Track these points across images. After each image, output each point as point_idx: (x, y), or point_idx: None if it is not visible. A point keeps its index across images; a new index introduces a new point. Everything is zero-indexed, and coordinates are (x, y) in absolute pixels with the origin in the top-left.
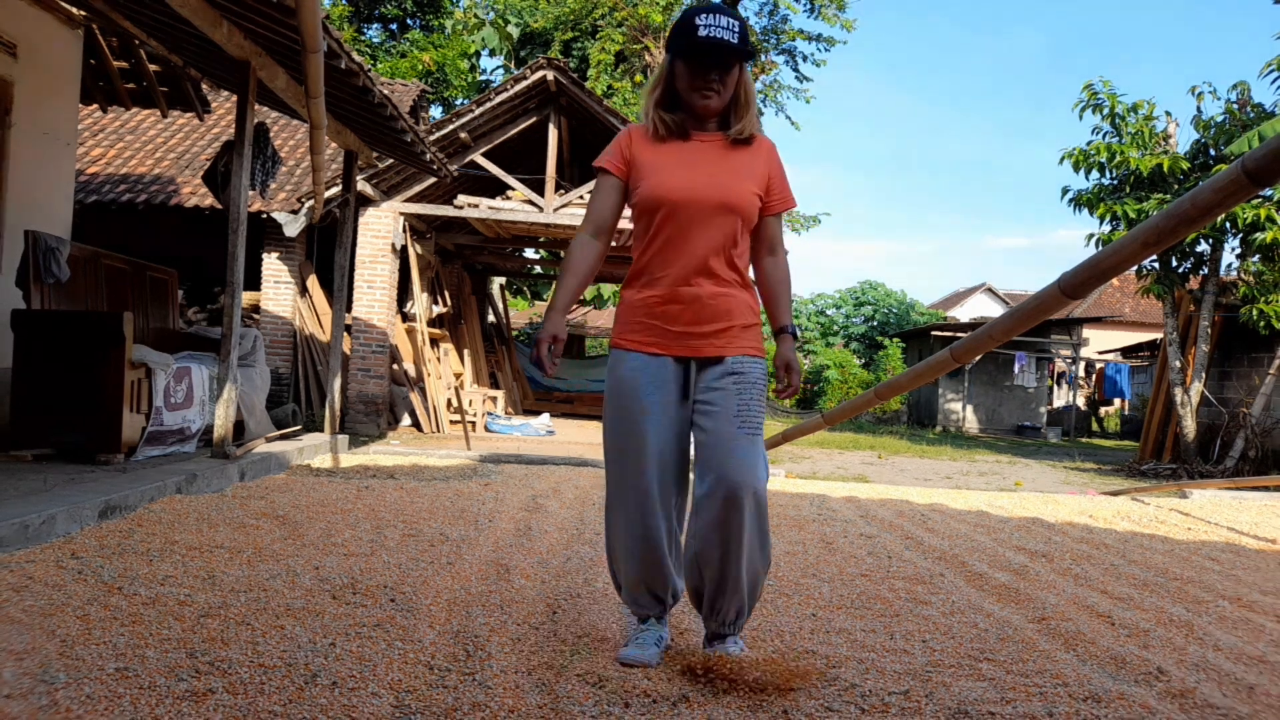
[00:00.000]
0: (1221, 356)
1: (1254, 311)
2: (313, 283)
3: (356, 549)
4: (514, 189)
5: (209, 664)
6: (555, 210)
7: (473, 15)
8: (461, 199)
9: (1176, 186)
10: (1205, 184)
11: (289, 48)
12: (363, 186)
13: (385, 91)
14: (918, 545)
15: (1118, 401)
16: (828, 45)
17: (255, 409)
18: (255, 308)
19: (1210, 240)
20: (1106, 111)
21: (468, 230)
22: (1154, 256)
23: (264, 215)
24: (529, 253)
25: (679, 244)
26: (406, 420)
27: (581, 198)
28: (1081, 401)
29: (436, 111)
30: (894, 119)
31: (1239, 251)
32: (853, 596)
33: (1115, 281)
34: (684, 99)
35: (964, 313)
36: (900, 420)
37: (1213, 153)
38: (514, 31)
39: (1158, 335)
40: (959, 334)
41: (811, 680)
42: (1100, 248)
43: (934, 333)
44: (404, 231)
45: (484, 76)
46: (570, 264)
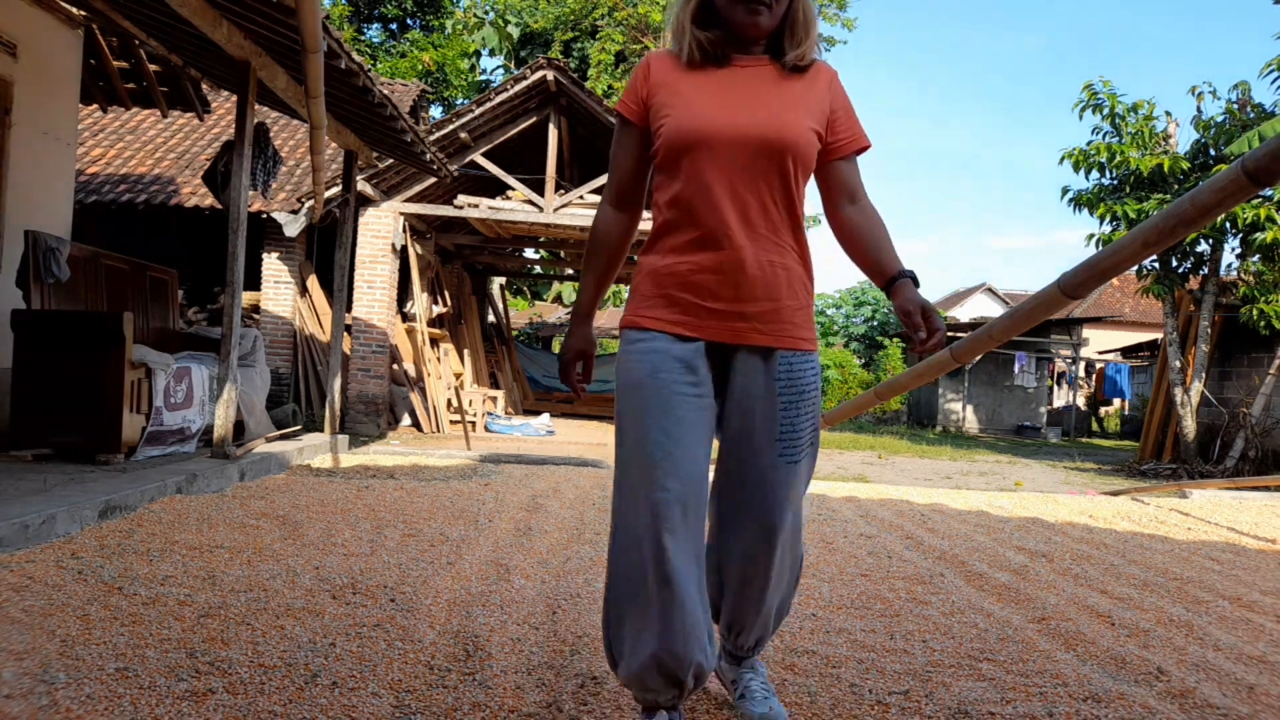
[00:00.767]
0: (1221, 356)
1: (1254, 311)
2: (313, 283)
3: (356, 549)
4: (514, 189)
5: (209, 664)
6: (555, 210)
7: (473, 15)
8: (461, 199)
9: (1176, 186)
10: (1205, 184)
11: (289, 48)
12: (363, 186)
13: (385, 91)
14: (918, 545)
15: (1118, 401)
16: (828, 45)
17: (255, 409)
18: (255, 308)
19: (1210, 240)
20: (1106, 111)
21: (468, 230)
22: (1154, 256)
23: (264, 215)
24: (529, 253)
25: (716, 194)
26: (406, 420)
27: (581, 197)
28: (1082, 401)
29: (436, 111)
30: (894, 118)
31: (1239, 251)
32: (853, 596)
33: (1115, 281)
34: (724, 15)
35: (964, 312)
36: (900, 420)
37: (1213, 153)
38: (514, 31)
39: (1158, 335)
40: (959, 334)
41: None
42: (1100, 248)
43: None
44: (404, 231)
45: (484, 76)
46: (593, 247)
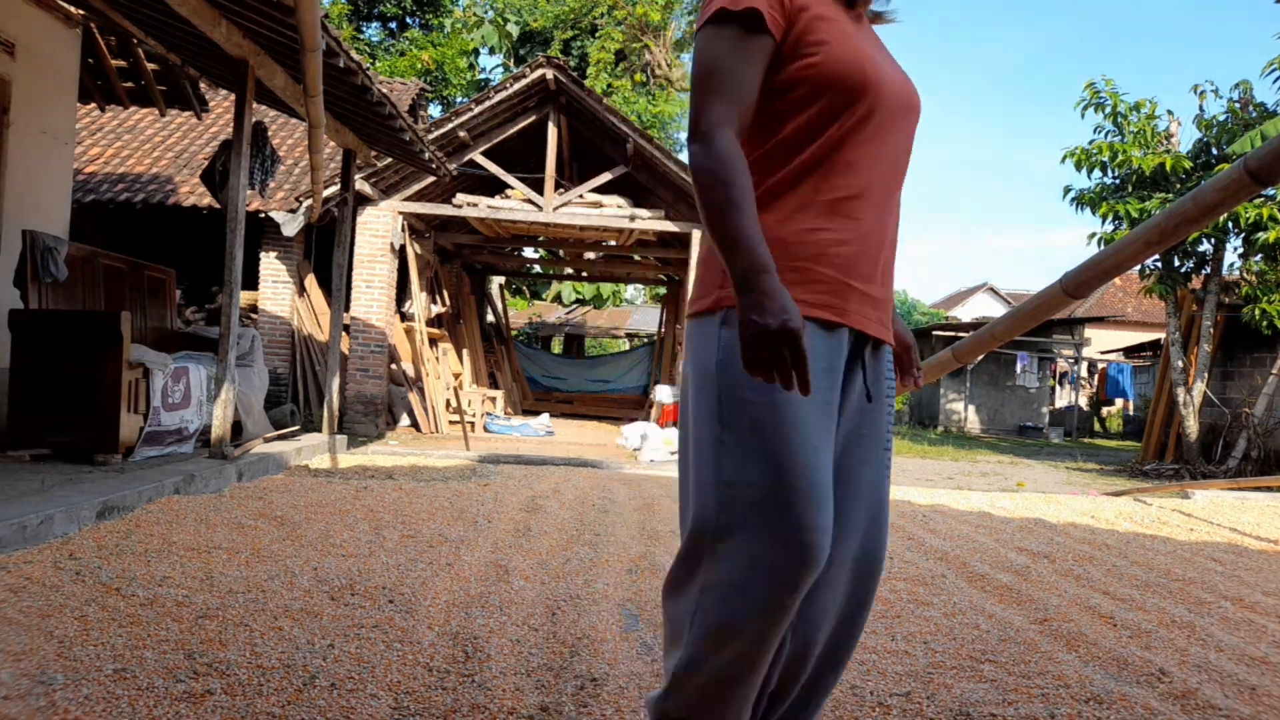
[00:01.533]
0: (1224, 356)
1: (1257, 311)
2: (311, 282)
3: (355, 550)
4: (513, 188)
5: (207, 665)
6: (555, 209)
7: (472, 13)
8: (460, 198)
9: (1179, 186)
10: (1207, 183)
11: (288, 46)
12: (361, 186)
13: (384, 90)
14: (919, 546)
15: (1120, 402)
16: None
17: (253, 409)
18: (253, 307)
19: (1213, 240)
20: (1109, 110)
21: (467, 229)
22: (1156, 256)
23: (262, 214)
24: (528, 252)
25: (874, 156)
26: (405, 420)
27: (581, 196)
28: (1084, 402)
29: (435, 110)
30: None
31: (1241, 251)
32: None
33: (1117, 281)
34: None
35: (966, 312)
36: (902, 420)
37: (1215, 152)
38: (513, 30)
39: (1160, 335)
40: (961, 334)
41: None
42: (1102, 247)
43: (936, 332)
44: (403, 231)
45: (483, 75)
46: (731, 181)
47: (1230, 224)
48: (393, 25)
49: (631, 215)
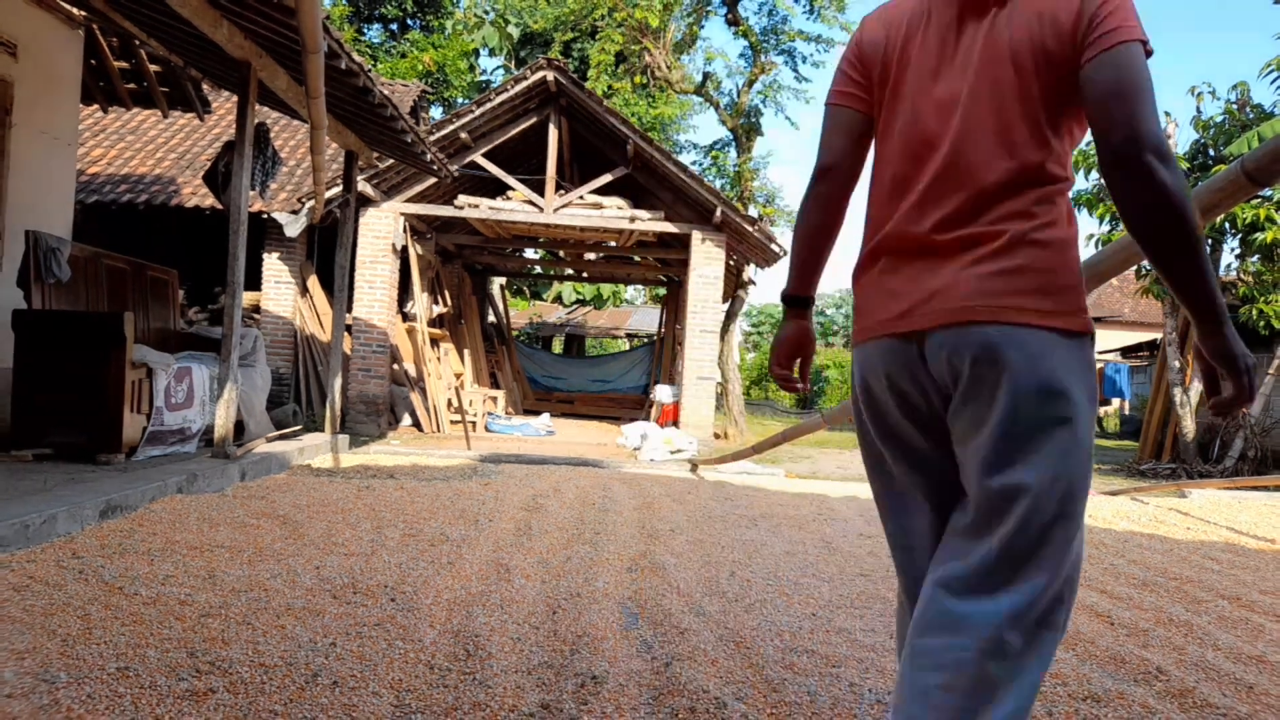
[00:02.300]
0: None
1: (1253, 311)
2: (313, 283)
3: (357, 549)
4: (514, 189)
5: (210, 663)
6: (555, 210)
7: (472, 15)
8: (462, 199)
9: None
10: (1204, 184)
11: (289, 48)
12: (363, 187)
13: (385, 92)
14: None
15: (1117, 401)
16: (827, 46)
17: (255, 409)
18: (256, 308)
19: (1210, 240)
20: None
21: (468, 230)
22: None
23: (264, 215)
24: (529, 253)
25: None
26: (407, 420)
27: (581, 198)
28: None
29: (437, 112)
30: None
31: (1238, 251)
32: (853, 596)
33: (1115, 281)
34: None
35: None
36: None
37: (1212, 153)
38: (514, 32)
39: (1157, 335)
40: None
41: None
42: (1100, 248)
43: None
44: (404, 232)
45: (484, 77)
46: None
47: (1227, 225)
48: (394, 27)
49: (631, 216)
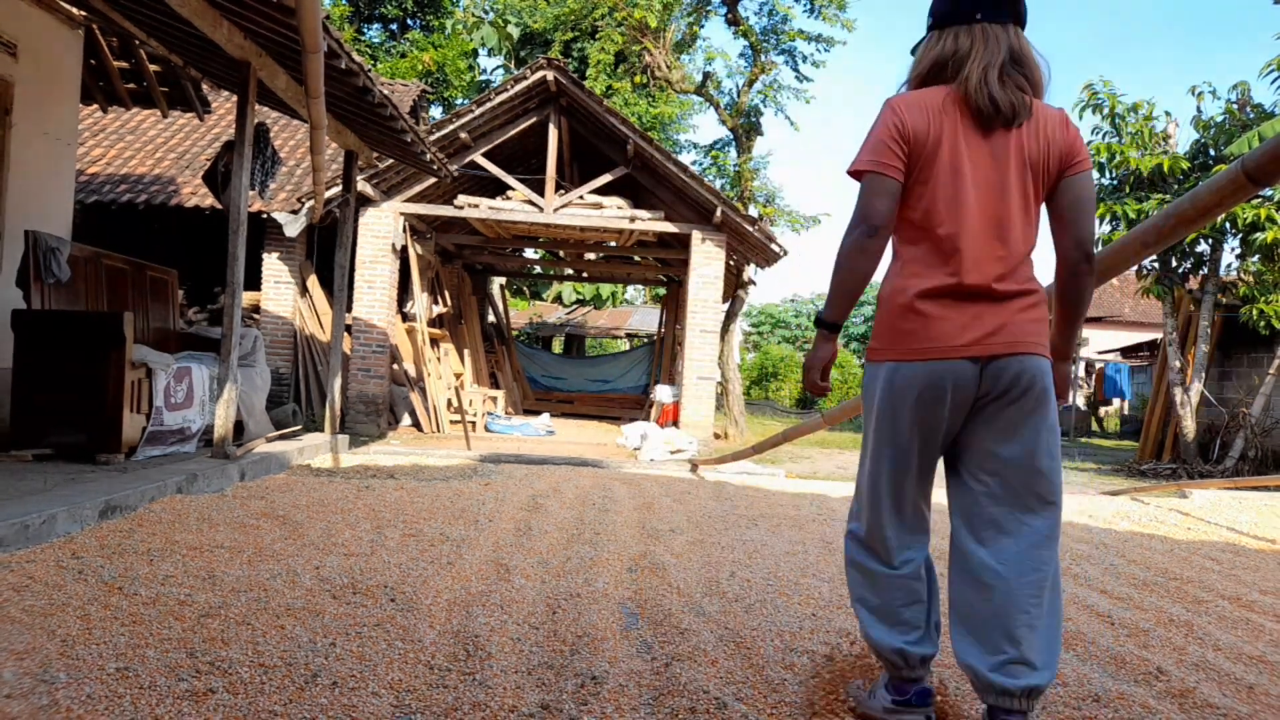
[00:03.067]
0: (1221, 356)
1: (1254, 311)
2: (313, 283)
3: (357, 549)
4: (514, 189)
5: (209, 664)
6: (555, 210)
7: (472, 14)
8: (462, 199)
9: (1176, 187)
10: (1205, 184)
11: (289, 48)
12: (363, 187)
13: (385, 92)
14: None
15: (1117, 401)
16: (828, 45)
17: (255, 409)
18: (255, 308)
19: (1210, 240)
20: (1106, 111)
21: (468, 230)
22: (1154, 256)
23: (264, 215)
24: (529, 253)
25: None
26: (406, 420)
27: (581, 198)
28: (1081, 401)
29: (436, 111)
30: None
31: (1239, 251)
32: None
33: (1115, 281)
34: None
35: None
36: None
37: (1213, 153)
38: (514, 32)
39: (1157, 335)
40: None
41: None
42: (1100, 248)
43: None
44: (404, 231)
45: (484, 76)
46: None
47: (1228, 224)
48: (394, 27)
49: (631, 216)
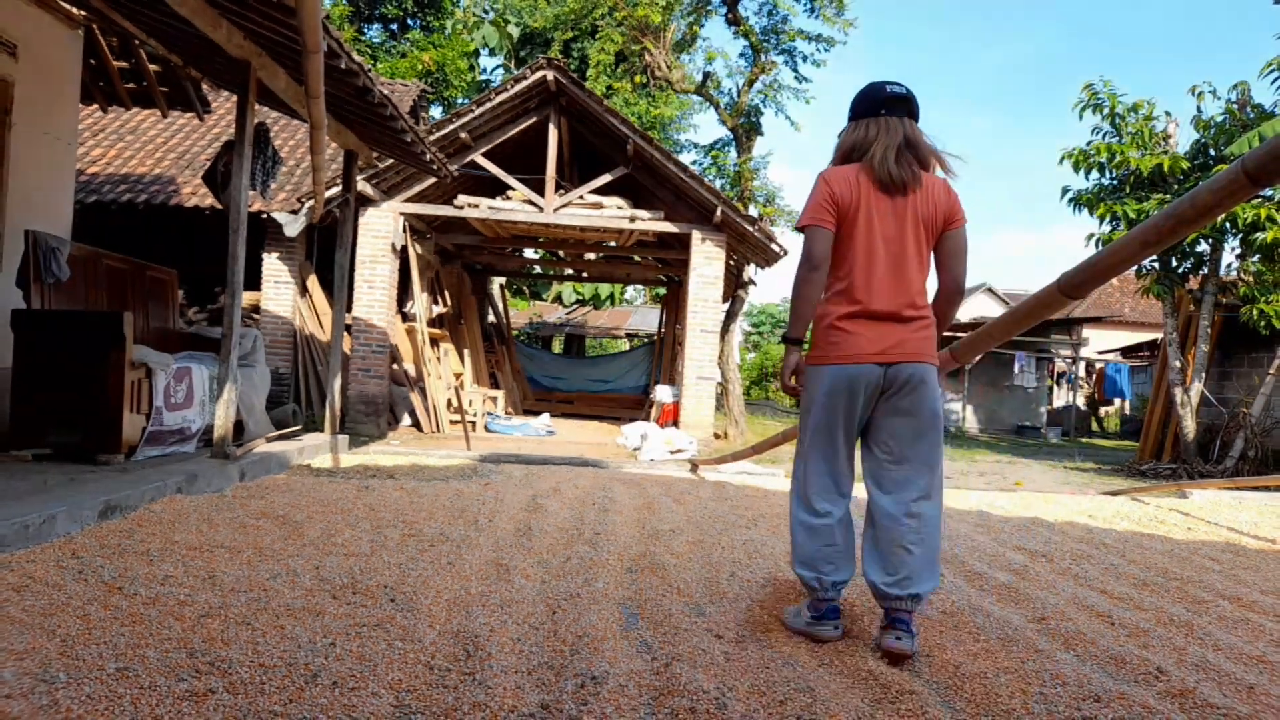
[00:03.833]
0: (1221, 356)
1: (1254, 311)
2: (313, 283)
3: (356, 549)
4: (514, 189)
5: (209, 664)
6: (555, 210)
7: (472, 14)
8: (461, 199)
9: (1176, 187)
10: (1205, 184)
11: (289, 48)
12: (363, 186)
13: (385, 91)
14: None
15: (1118, 401)
16: (827, 45)
17: (255, 409)
18: (255, 308)
19: (1210, 240)
20: (1106, 111)
21: (468, 230)
22: (1154, 256)
23: (264, 215)
24: (529, 253)
25: None
26: (406, 420)
27: (581, 198)
28: (1081, 401)
29: (436, 111)
30: None
31: (1239, 251)
32: (852, 596)
33: (1115, 281)
34: None
35: (964, 312)
36: None
37: (1213, 153)
38: (514, 31)
39: (1158, 335)
40: (959, 334)
41: None
42: (1100, 248)
43: None
44: (404, 231)
45: (484, 76)
46: None
47: (1228, 224)
48: (394, 27)
49: (631, 216)
